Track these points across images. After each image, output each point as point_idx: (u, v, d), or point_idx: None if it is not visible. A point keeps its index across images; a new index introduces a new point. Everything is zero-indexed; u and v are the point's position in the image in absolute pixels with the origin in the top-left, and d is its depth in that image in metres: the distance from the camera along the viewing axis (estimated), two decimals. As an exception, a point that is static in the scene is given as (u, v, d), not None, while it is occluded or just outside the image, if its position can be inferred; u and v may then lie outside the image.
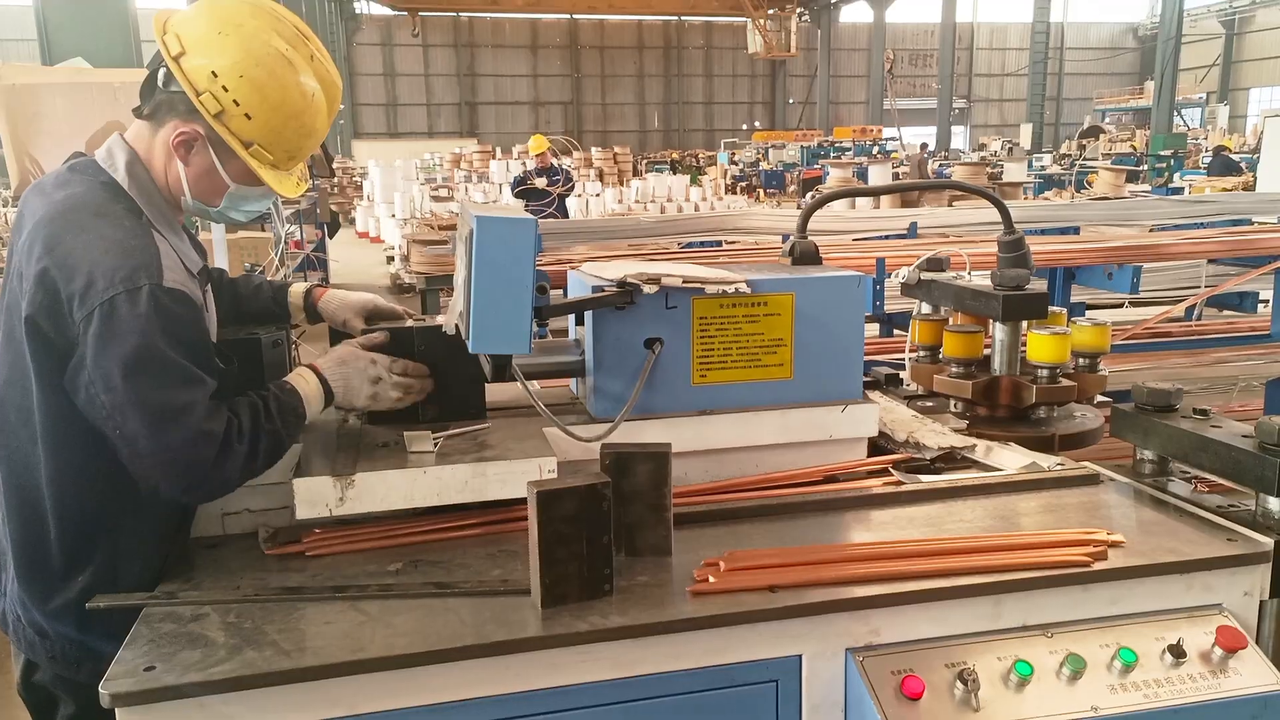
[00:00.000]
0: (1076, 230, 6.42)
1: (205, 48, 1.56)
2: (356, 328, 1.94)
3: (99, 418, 1.47)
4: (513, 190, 11.02)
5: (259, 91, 1.58)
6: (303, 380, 1.68)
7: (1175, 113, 29.05)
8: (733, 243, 6.48)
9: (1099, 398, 2.35)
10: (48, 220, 1.53)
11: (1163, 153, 20.70)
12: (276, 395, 1.61)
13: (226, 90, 1.56)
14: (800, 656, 1.47)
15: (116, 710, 1.24)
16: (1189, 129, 31.00)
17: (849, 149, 25.68)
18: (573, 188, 11.37)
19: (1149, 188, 14.67)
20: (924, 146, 25.22)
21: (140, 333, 1.44)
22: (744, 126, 42.20)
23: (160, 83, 1.61)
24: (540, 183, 10.63)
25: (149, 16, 1.75)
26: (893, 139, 29.49)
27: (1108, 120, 34.97)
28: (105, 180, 1.61)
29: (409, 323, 1.93)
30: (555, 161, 11.23)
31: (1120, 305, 5.60)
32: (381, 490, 1.62)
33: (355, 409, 1.78)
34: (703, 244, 6.65)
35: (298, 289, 2.04)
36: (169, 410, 1.45)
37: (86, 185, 1.59)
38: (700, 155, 31.25)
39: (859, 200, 9.80)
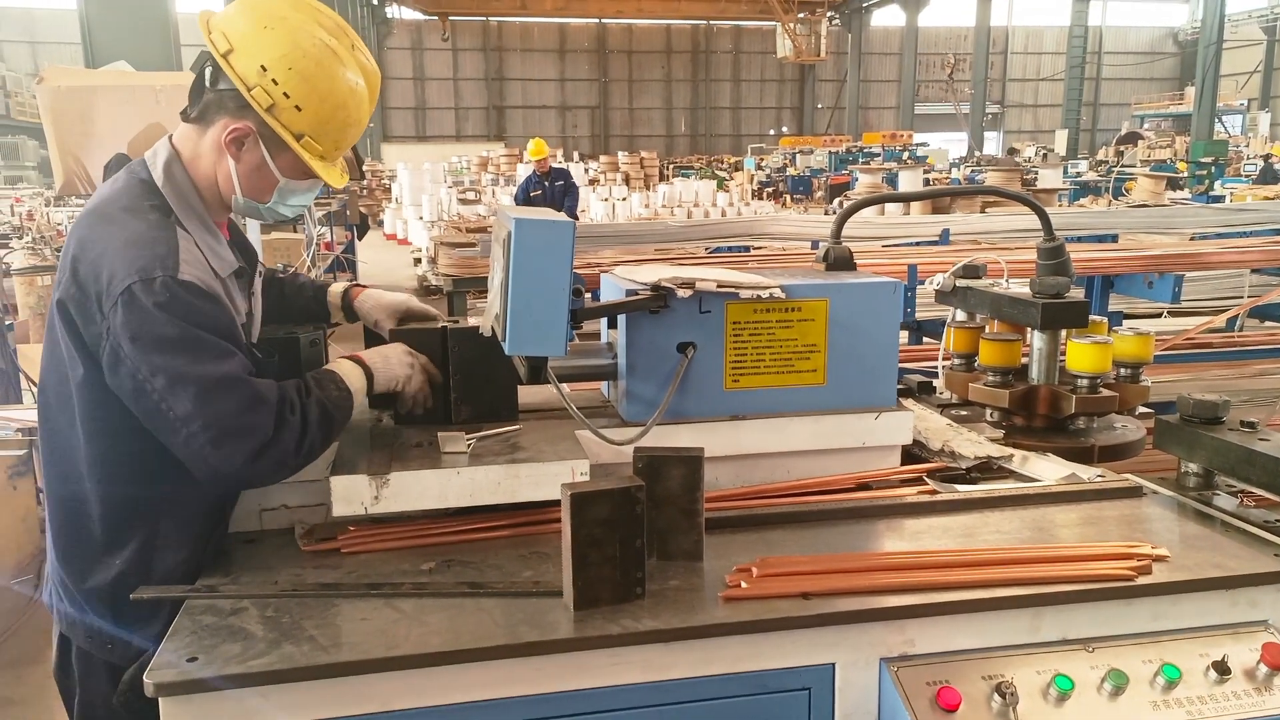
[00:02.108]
0: (1114, 238, 6.33)
1: (252, 43, 1.59)
2: (386, 329, 1.95)
3: (151, 407, 1.49)
4: (524, 195, 10.89)
5: (308, 83, 1.60)
6: (337, 364, 1.72)
7: (1216, 119, 28.55)
8: (759, 248, 6.47)
9: (1139, 409, 2.31)
10: (84, 215, 1.61)
11: (1204, 160, 20.36)
12: (314, 375, 1.65)
13: (276, 83, 1.59)
14: (834, 665, 1.45)
15: (160, 700, 1.26)
16: (1230, 136, 30.48)
17: (878, 154, 25.51)
18: (572, 193, 11.13)
19: (1189, 195, 14.43)
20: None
21: (163, 316, 1.47)
22: (771, 132, 42.07)
23: (208, 82, 1.63)
24: (536, 194, 10.55)
25: (189, 21, 1.78)
26: (922, 143, 29.25)
27: (1146, 126, 34.48)
28: (144, 178, 1.65)
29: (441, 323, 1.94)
30: (557, 165, 11.06)
31: (1158, 315, 5.51)
32: (416, 490, 1.63)
33: (395, 389, 1.79)
34: (730, 249, 6.65)
35: (336, 288, 2.07)
36: (214, 381, 1.47)
37: (125, 182, 1.65)
38: (726, 160, 31.18)
39: (888, 206, 9.73)
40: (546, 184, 10.67)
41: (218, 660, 1.29)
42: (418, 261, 14.15)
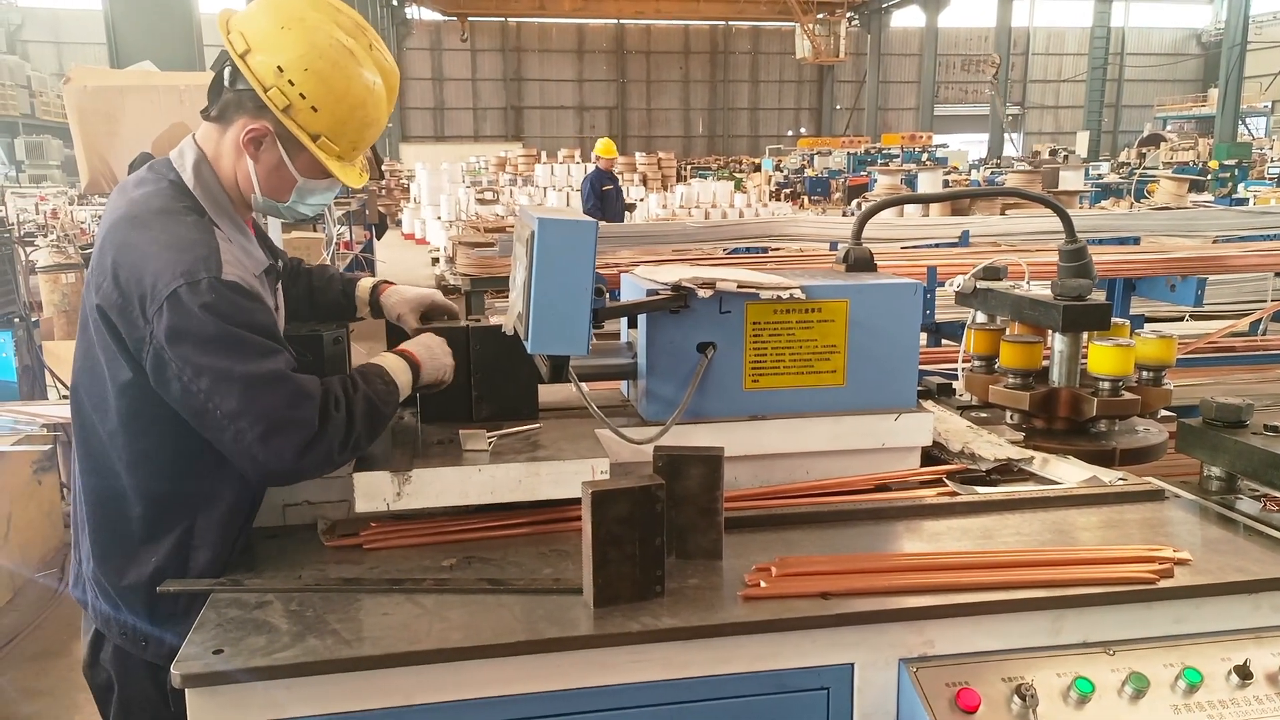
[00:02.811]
0: (1136, 240, 6.28)
1: (270, 43, 1.60)
2: (410, 324, 1.97)
3: (198, 407, 1.50)
4: (591, 192, 11.08)
5: (324, 84, 1.61)
6: (382, 358, 1.72)
7: (1240, 121, 28.25)
8: (777, 249, 6.46)
9: (1161, 412, 2.30)
10: (120, 220, 1.60)
11: (1227, 162, 20.12)
12: (360, 370, 1.65)
13: (293, 84, 1.59)
14: (852, 665, 1.45)
15: (186, 690, 1.28)
16: (1254, 138, 30.11)
17: (897, 156, 25.39)
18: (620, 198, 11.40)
19: (1212, 198, 14.28)
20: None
21: (208, 318, 1.48)
22: (789, 133, 41.94)
23: (227, 82, 1.64)
24: (608, 188, 10.78)
25: (212, 22, 1.79)
26: (942, 145, 29.09)
27: (1169, 128, 34.12)
28: (174, 179, 1.66)
29: (463, 321, 1.95)
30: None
31: (1181, 318, 5.46)
32: (437, 487, 1.64)
33: (443, 382, 1.80)
34: (748, 250, 6.64)
35: (366, 283, 2.08)
36: (259, 378, 1.48)
37: (156, 185, 1.65)
38: (744, 161, 31.10)
39: (907, 208, 9.68)
40: (614, 183, 10.97)
41: (243, 653, 1.30)
42: (435, 261, 14.22)
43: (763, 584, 1.48)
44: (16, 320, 4.88)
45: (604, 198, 10.70)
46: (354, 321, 2.08)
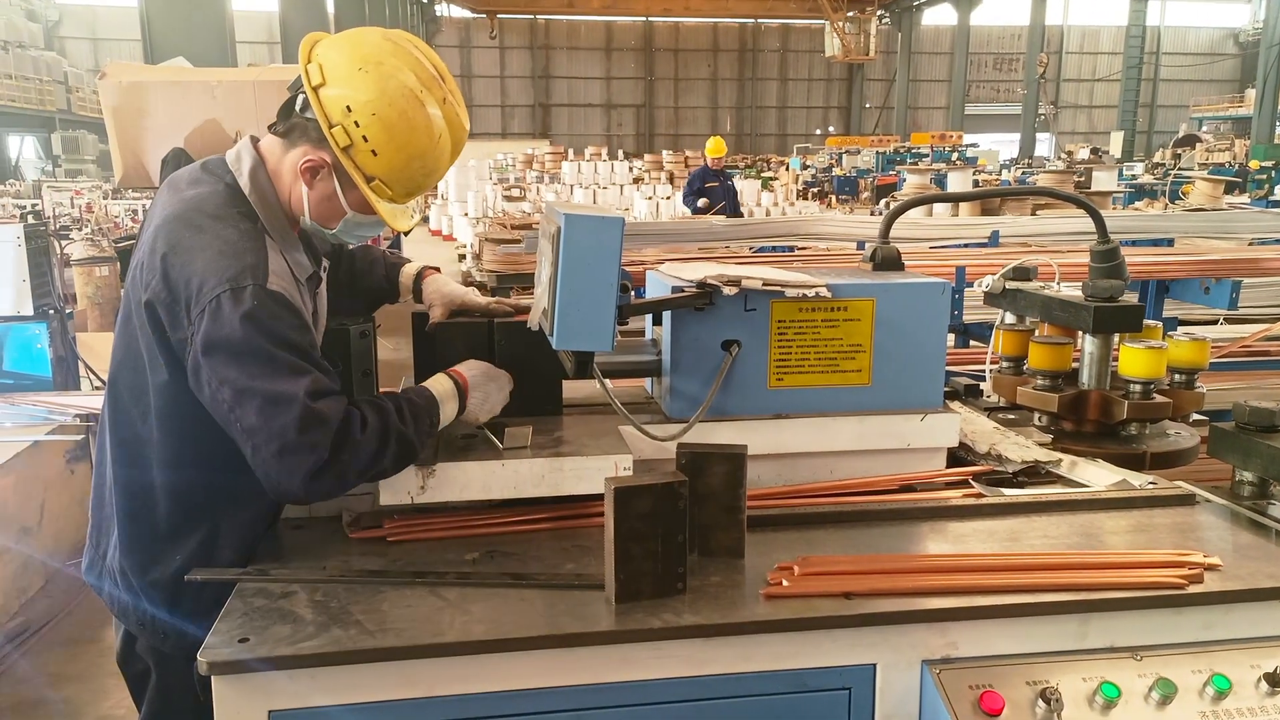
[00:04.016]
0: (1170, 242, 6.19)
1: (343, 82, 1.60)
2: (436, 316, 1.95)
3: (223, 416, 1.52)
4: (689, 189, 11.19)
5: (387, 131, 1.61)
6: (438, 385, 1.69)
7: (1277, 122, 27.69)
8: (804, 248, 6.43)
9: (1193, 416, 2.26)
10: (173, 218, 1.60)
11: (1264, 163, 19.76)
12: (411, 399, 1.62)
13: (358, 126, 1.60)
14: (874, 666, 1.44)
15: (212, 678, 1.29)
16: (1291, 140, 29.50)
17: (926, 155, 25.16)
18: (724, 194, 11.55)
19: (1249, 200, 14.02)
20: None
21: (245, 328, 1.49)
22: (818, 131, 41.72)
23: (298, 107, 1.66)
24: (712, 185, 10.90)
25: (244, 18, 1.81)
26: (972, 144, 28.78)
27: (1204, 129, 33.55)
28: (230, 182, 1.67)
29: (490, 305, 1.94)
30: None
31: (1215, 321, 5.37)
32: (461, 481, 1.65)
33: (476, 421, 1.76)
34: (774, 249, 6.61)
35: (411, 269, 2.06)
36: (274, 396, 1.48)
37: (211, 186, 1.66)
38: (771, 160, 30.97)
39: (936, 208, 9.60)
40: (720, 180, 11.04)
41: (268, 641, 1.32)
42: (462, 257, 14.27)
43: (785, 583, 1.47)
44: (51, 312, 4.97)
45: (703, 194, 10.89)
46: (393, 305, 2.08)
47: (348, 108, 1.60)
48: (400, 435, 1.55)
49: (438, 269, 2.07)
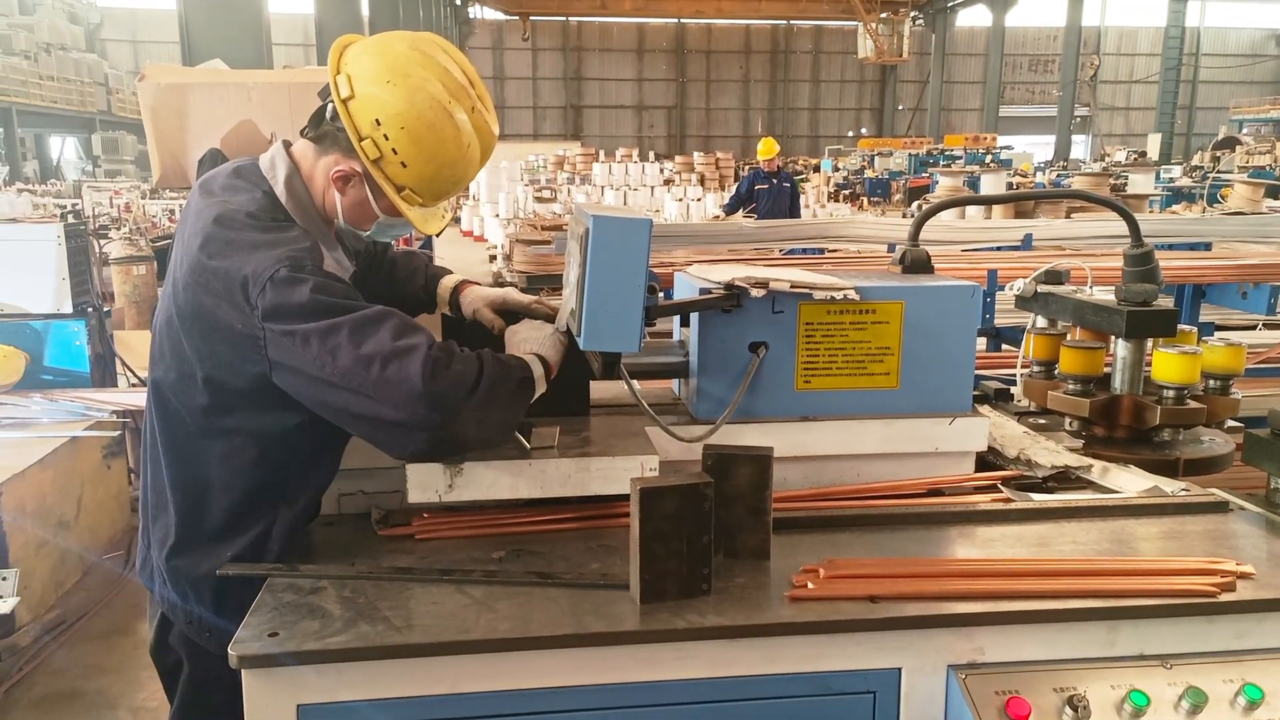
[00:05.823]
0: (1208, 246, 6.08)
1: (372, 96, 1.62)
2: (486, 317, 1.96)
3: (315, 375, 1.49)
4: (736, 193, 11.18)
5: (416, 144, 1.63)
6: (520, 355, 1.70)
7: (1320, 124, 27.10)
8: (834, 251, 6.39)
9: (1228, 423, 2.23)
10: (216, 220, 1.61)
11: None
12: (493, 353, 1.63)
13: (387, 139, 1.62)
14: (900, 670, 1.44)
15: (242, 671, 1.32)
16: (1335, 142, 28.81)
17: (960, 157, 24.91)
18: (798, 196, 11.55)
19: (1289, 203, 13.71)
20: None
21: (310, 293, 1.50)
22: (850, 133, 41.46)
23: (328, 116, 1.68)
24: (762, 187, 10.89)
25: (280, 21, 1.84)
26: (1006, 146, 28.45)
27: (1245, 131, 32.88)
28: (266, 190, 1.70)
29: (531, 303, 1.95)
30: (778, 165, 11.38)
31: (1253, 327, 5.27)
32: (488, 480, 1.66)
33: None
34: (804, 251, 6.59)
35: (448, 282, 2.06)
36: (362, 318, 1.49)
37: (250, 194, 1.68)
38: (803, 162, 30.83)
39: (969, 210, 9.50)
40: (774, 181, 10.96)
41: (297, 636, 1.34)
42: (493, 258, 14.36)
43: (810, 585, 1.47)
44: (90, 310, 5.06)
45: (753, 196, 10.90)
46: (429, 314, 2.10)
47: (376, 121, 1.62)
48: (493, 375, 1.55)
49: (476, 282, 2.08)
